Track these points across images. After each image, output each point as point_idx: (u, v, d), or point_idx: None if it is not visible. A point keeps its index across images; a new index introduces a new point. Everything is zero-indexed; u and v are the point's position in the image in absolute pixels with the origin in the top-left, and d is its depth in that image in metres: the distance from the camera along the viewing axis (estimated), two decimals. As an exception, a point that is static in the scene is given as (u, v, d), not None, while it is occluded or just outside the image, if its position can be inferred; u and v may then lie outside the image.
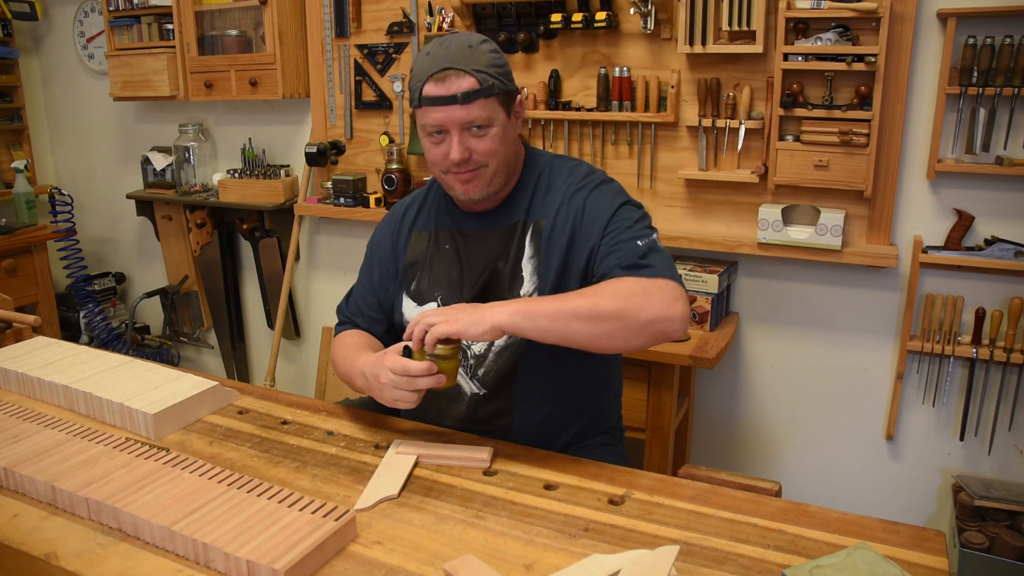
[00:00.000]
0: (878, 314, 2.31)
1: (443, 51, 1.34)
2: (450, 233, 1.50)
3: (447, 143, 1.36)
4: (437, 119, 1.34)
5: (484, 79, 1.33)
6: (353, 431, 1.42)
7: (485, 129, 1.36)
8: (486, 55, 1.35)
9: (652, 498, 1.18)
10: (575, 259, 1.40)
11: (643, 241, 1.33)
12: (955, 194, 2.15)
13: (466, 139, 1.36)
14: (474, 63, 1.33)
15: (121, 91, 3.24)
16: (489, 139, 1.36)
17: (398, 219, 1.59)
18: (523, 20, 2.48)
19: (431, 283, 1.49)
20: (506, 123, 1.39)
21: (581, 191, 1.42)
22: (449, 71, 1.32)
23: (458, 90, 1.32)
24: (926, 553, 1.03)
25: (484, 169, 1.38)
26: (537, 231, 1.43)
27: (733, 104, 2.25)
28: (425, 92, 1.34)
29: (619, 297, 1.23)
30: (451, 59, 1.33)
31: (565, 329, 1.22)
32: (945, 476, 2.31)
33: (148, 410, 1.39)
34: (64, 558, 1.04)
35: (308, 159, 2.83)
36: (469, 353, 1.45)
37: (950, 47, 2.02)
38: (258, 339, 3.51)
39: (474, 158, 1.37)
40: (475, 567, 0.99)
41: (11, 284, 3.15)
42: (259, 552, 0.98)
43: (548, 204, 1.44)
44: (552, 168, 1.49)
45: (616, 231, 1.36)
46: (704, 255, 2.46)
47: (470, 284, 1.45)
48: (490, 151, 1.37)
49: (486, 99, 1.34)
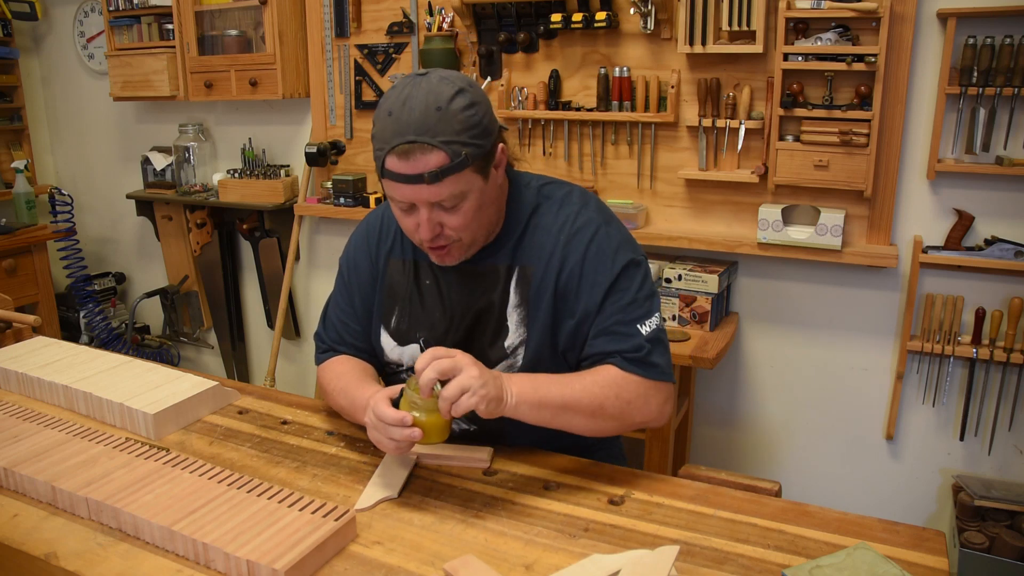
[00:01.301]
0: (878, 314, 2.31)
1: (407, 114, 1.15)
2: (430, 267, 1.38)
3: (416, 216, 1.23)
4: (404, 195, 1.19)
5: (455, 151, 1.15)
6: (353, 431, 1.42)
7: (458, 203, 1.21)
8: (458, 117, 1.16)
9: (652, 498, 1.18)
10: (566, 316, 1.31)
11: (647, 329, 1.28)
12: (955, 194, 2.15)
13: (437, 214, 1.22)
14: (442, 132, 1.14)
15: (121, 91, 3.24)
16: (462, 214, 1.22)
17: (375, 241, 1.45)
18: (523, 20, 2.48)
19: (412, 323, 1.39)
20: (483, 188, 1.23)
21: (577, 238, 1.31)
22: (414, 145, 1.14)
23: (424, 168, 1.15)
24: (926, 553, 1.03)
25: (458, 243, 1.26)
26: (524, 278, 1.32)
27: (733, 104, 2.25)
28: (388, 166, 1.17)
29: (622, 401, 1.24)
30: (415, 129, 1.14)
31: (565, 422, 1.22)
32: (945, 476, 2.31)
33: (148, 410, 1.39)
34: (64, 558, 1.04)
35: (308, 159, 2.83)
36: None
37: (950, 47, 2.02)
38: (258, 339, 3.51)
39: (446, 232, 1.24)
40: (475, 567, 0.99)
41: (11, 284, 3.15)
42: (259, 552, 0.98)
43: (537, 247, 1.32)
44: (540, 201, 1.36)
45: (618, 305, 1.28)
46: (704, 255, 2.46)
47: (454, 328, 1.36)
48: (463, 226, 1.23)
49: (458, 175, 1.17)
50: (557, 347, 1.32)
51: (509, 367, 1.33)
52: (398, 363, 1.44)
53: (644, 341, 1.27)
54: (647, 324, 1.29)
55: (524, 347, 1.32)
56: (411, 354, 1.40)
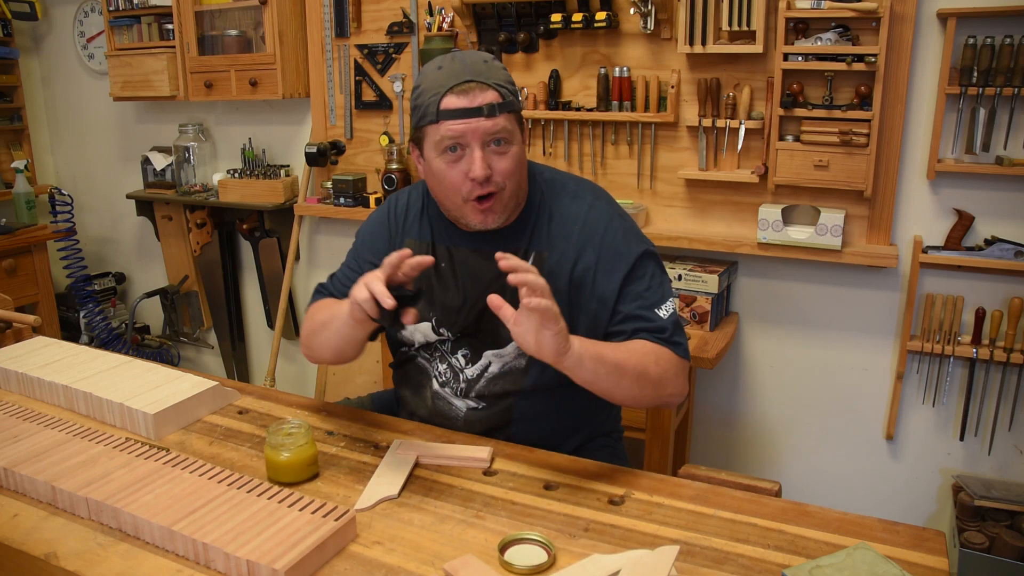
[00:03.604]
0: (878, 314, 2.31)
1: (459, 65, 1.28)
2: (447, 251, 1.43)
3: (467, 160, 1.28)
4: (458, 130, 1.26)
5: (506, 93, 1.28)
6: (353, 431, 1.42)
7: (507, 146, 1.29)
8: (502, 72, 1.31)
9: (652, 498, 1.18)
10: (582, 304, 1.36)
11: (665, 312, 1.35)
12: (955, 194, 2.15)
13: (487, 156, 1.28)
14: (493, 77, 1.28)
15: (121, 91, 3.24)
16: (509, 158, 1.30)
17: (396, 218, 1.51)
18: (523, 20, 2.48)
19: (426, 303, 1.44)
20: (521, 145, 1.33)
21: (593, 229, 1.37)
22: (472, 83, 1.26)
23: (483, 102, 1.25)
24: (926, 553, 1.03)
25: (501, 193, 1.31)
26: (539, 263, 1.37)
27: (733, 104, 2.25)
28: (444, 105, 1.26)
29: (660, 368, 1.28)
30: (471, 72, 1.27)
31: (615, 382, 1.23)
32: (945, 476, 2.31)
33: (148, 410, 1.39)
34: (64, 558, 1.04)
35: (308, 159, 2.83)
36: (461, 377, 1.43)
37: (950, 47, 2.02)
38: (258, 339, 3.51)
39: (494, 178, 1.29)
40: (475, 567, 0.99)
41: (11, 284, 3.15)
42: (259, 552, 0.98)
43: (552, 234, 1.38)
44: (551, 189, 1.42)
45: (636, 291, 1.35)
46: (704, 255, 2.46)
47: (466, 310, 1.41)
48: (510, 171, 1.30)
49: (508, 114, 1.28)
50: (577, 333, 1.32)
51: (518, 348, 1.34)
52: (410, 342, 1.48)
53: (666, 323, 1.34)
54: (664, 308, 1.35)
55: None
56: (423, 331, 1.45)
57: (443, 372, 1.45)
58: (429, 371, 1.47)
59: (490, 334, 1.40)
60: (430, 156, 1.31)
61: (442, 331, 1.44)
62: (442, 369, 1.45)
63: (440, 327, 1.44)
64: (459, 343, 1.43)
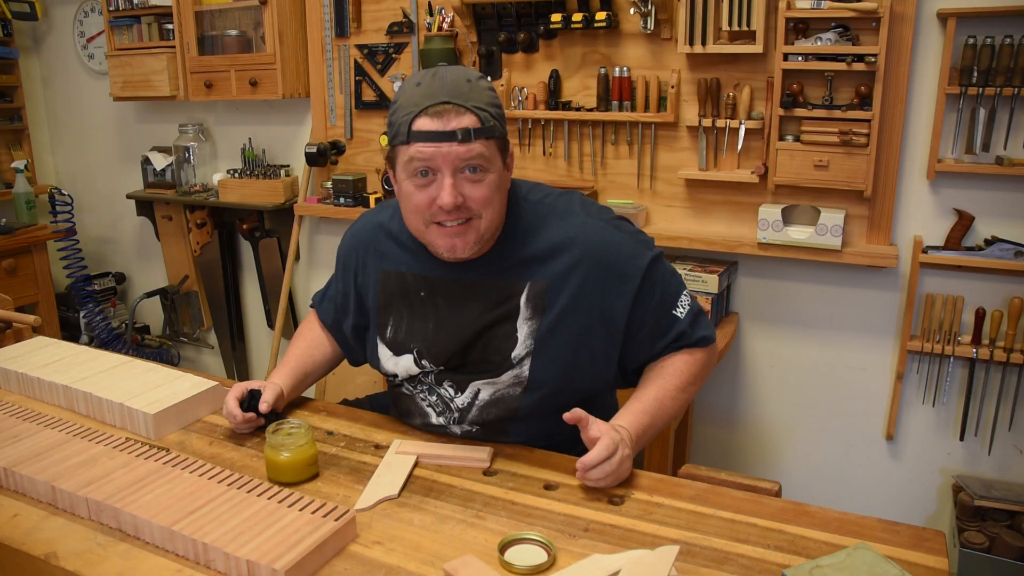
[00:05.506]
0: (878, 314, 2.31)
1: (439, 83, 1.19)
2: (426, 280, 1.36)
3: (435, 186, 1.20)
4: (427, 154, 1.18)
5: (485, 118, 1.19)
6: (353, 431, 1.42)
7: (482, 174, 1.20)
8: (485, 93, 1.22)
9: (652, 498, 1.18)
10: (591, 326, 1.32)
11: (682, 310, 1.37)
12: (955, 194, 2.15)
13: (459, 183, 1.20)
14: (474, 100, 1.19)
15: (121, 91, 3.24)
16: (484, 186, 1.21)
17: (371, 247, 1.44)
18: (523, 20, 2.48)
19: (407, 334, 1.38)
20: (501, 172, 1.24)
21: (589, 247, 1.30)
22: (448, 105, 1.17)
23: (457, 126, 1.17)
24: (926, 553, 1.03)
25: (477, 221, 1.23)
26: (537, 293, 1.30)
27: (733, 104, 2.25)
28: (416, 126, 1.18)
29: (694, 368, 1.39)
30: (449, 92, 1.18)
31: (668, 416, 1.36)
32: (945, 476, 2.31)
33: (148, 410, 1.39)
34: (64, 558, 1.04)
35: (308, 159, 2.83)
36: (452, 406, 1.38)
37: (950, 47, 2.02)
38: (258, 339, 3.51)
39: (467, 204, 1.21)
40: (475, 567, 0.99)
41: (11, 284, 3.15)
42: (259, 552, 0.98)
43: (547, 262, 1.31)
44: (536, 212, 1.34)
45: (650, 305, 1.34)
46: (704, 255, 2.46)
47: (449, 341, 1.34)
48: (484, 199, 1.21)
49: (486, 140, 1.19)
50: (579, 358, 1.33)
51: (515, 377, 1.33)
52: (394, 374, 1.42)
53: (686, 326, 1.37)
54: (681, 305, 1.37)
55: (531, 358, 1.32)
56: (405, 366, 1.39)
57: (435, 403, 1.40)
58: (418, 401, 1.42)
59: (478, 364, 1.34)
60: (400, 177, 1.25)
61: (424, 363, 1.37)
62: (433, 400, 1.40)
63: (422, 359, 1.37)
64: (443, 375, 1.37)
